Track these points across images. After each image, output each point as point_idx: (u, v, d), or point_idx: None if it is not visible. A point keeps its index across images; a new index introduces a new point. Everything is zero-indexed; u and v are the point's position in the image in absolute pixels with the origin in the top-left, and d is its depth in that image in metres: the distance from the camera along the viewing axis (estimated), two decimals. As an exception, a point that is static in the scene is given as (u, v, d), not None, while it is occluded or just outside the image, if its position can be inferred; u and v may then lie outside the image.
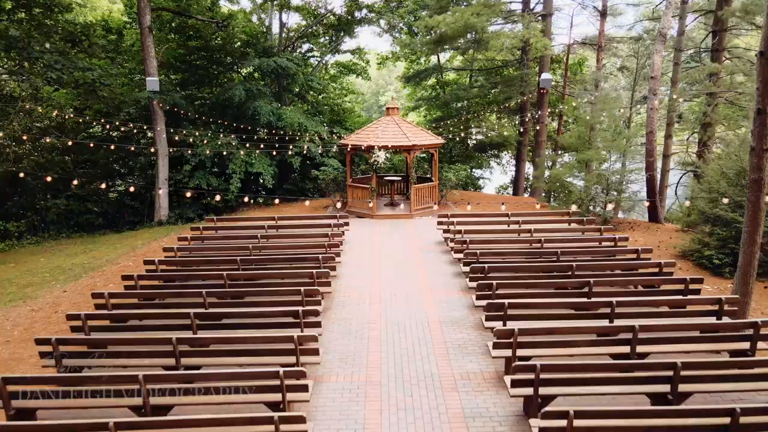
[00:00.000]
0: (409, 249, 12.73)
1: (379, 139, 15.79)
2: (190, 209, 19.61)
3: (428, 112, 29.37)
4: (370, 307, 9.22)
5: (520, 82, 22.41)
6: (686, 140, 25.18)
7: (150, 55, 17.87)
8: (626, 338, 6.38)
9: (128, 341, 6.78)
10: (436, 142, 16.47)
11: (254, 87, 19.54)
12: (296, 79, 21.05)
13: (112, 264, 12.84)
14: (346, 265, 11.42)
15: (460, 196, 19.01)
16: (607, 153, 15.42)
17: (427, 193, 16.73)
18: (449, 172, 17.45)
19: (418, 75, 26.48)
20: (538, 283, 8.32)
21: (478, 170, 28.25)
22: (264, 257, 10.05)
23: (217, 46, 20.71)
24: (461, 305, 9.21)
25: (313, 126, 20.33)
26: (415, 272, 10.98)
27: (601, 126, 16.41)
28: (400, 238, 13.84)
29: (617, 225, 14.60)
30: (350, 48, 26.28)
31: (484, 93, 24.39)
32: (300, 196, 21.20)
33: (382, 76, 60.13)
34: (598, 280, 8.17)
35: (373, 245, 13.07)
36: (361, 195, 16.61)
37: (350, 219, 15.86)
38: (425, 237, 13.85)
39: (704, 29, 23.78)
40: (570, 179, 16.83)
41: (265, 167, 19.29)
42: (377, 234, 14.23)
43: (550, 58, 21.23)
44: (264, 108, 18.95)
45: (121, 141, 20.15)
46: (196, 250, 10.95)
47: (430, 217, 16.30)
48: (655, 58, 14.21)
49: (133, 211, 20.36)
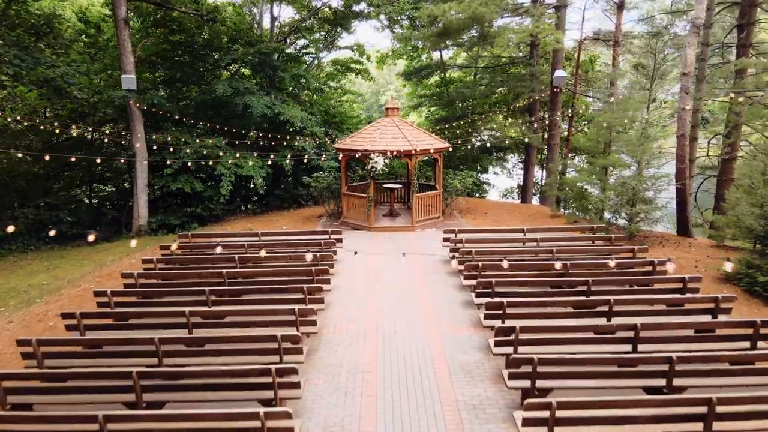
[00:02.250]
0: (411, 269, 11.18)
1: (377, 143, 14.22)
2: (173, 216, 18.03)
3: (430, 112, 27.74)
4: (364, 348, 7.66)
5: (530, 79, 20.79)
6: (707, 143, 23.57)
7: (126, 51, 16.28)
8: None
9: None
10: (440, 146, 14.90)
11: (241, 84, 17.99)
12: (285, 74, 19.41)
13: (72, 286, 11.28)
14: (337, 290, 9.88)
15: (466, 203, 17.45)
16: (632, 159, 13.85)
17: (431, 203, 15.16)
18: (455, 179, 15.87)
19: (420, 71, 24.82)
20: (572, 326, 6.74)
21: (483, 174, 26.66)
22: (240, 287, 8.49)
23: (202, 41, 19.13)
24: (473, 346, 7.65)
25: (311, 125, 18.77)
26: (418, 300, 9.43)
27: (623, 129, 14.84)
28: (400, 256, 12.28)
29: (644, 240, 13.03)
30: (348, 44, 24.77)
31: (490, 91, 22.77)
32: (292, 203, 19.64)
33: (383, 75, 58.51)
34: (645, 323, 6.58)
35: (369, 264, 11.52)
36: (357, 204, 15.05)
37: (345, 231, 14.32)
38: (429, 252, 12.30)
39: (725, 23, 22.23)
40: (586, 187, 15.26)
41: (257, 170, 17.70)
42: (372, 251, 12.67)
43: (563, 55, 19.53)
44: (256, 102, 17.34)
45: (99, 144, 18.60)
46: (160, 277, 9.39)
47: (434, 229, 14.74)
48: (688, 52, 12.63)
49: (111, 220, 18.79)
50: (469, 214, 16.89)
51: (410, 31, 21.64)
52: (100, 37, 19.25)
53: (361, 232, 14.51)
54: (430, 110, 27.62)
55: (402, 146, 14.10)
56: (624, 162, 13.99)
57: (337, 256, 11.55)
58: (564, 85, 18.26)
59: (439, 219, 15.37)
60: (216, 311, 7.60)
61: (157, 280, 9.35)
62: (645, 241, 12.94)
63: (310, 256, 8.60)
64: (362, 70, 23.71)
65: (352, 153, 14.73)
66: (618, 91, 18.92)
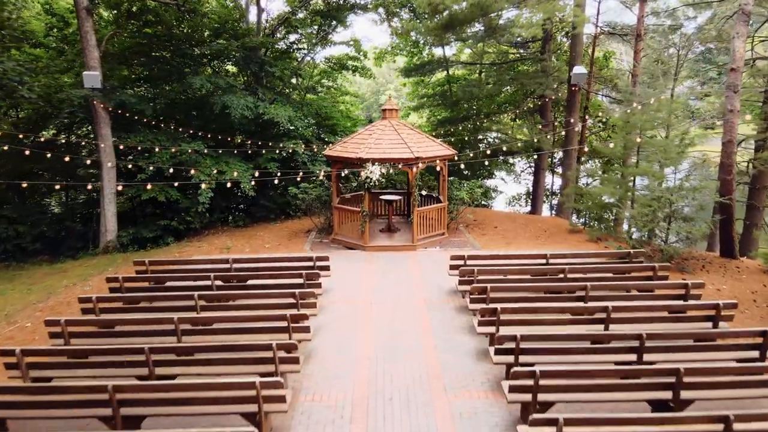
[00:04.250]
0: (412, 303, 9.32)
1: (373, 150, 12.36)
2: (146, 229, 16.15)
3: (433, 113, 25.80)
4: (350, 427, 5.82)
5: (542, 76, 18.83)
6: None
7: (90, 44, 14.41)
8: None
9: None
10: (445, 153, 13.02)
11: (222, 81, 16.13)
12: (273, 69, 17.54)
13: (7, 322, 9.43)
14: (321, 332, 8.05)
15: (473, 215, 15.57)
16: (665, 168, 11.99)
17: (434, 217, 13.30)
18: (461, 191, 13.98)
19: (422, 68, 22.85)
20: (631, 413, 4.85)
21: (489, 180, 24.77)
22: (194, 344, 6.63)
23: (181, 34, 17.24)
24: (494, 423, 5.81)
25: (302, 128, 16.88)
26: (420, 349, 7.58)
27: (656, 133, 12.99)
28: (400, 282, 10.43)
29: (685, 263, 11.17)
30: (344, 39, 22.88)
31: (498, 90, 20.84)
32: (280, 214, 17.77)
33: (383, 73, 56.54)
34: (739, 414, 4.71)
35: (361, 295, 9.67)
36: (350, 219, 13.19)
37: (336, 251, 12.50)
38: (433, 281, 10.45)
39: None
40: (610, 199, 13.39)
41: (242, 173, 15.67)
42: (368, 276, 10.81)
43: (582, 47, 17.51)
44: (236, 102, 15.44)
45: (66, 149, 16.72)
46: (98, 325, 7.51)
47: (438, 248, 12.89)
48: (736, 43, 10.73)
49: (77, 233, 16.92)
50: (476, 228, 15.02)
51: (411, 22, 19.72)
52: (67, 30, 17.37)
53: (355, 251, 12.65)
54: (433, 111, 25.69)
55: (401, 153, 12.23)
56: (657, 172, 12.11)
57: (325, 280, 9.71)
58: (584, 84, 16.35)
59: (443, 236, 13.50)
60: (159, 387, 5.68)
61: (97, 328, 7.51)
62: (686, 265, 11.08)
63: (285, 309, 6.73)
64: (360, 67, 21.81)
65: (344, 161, 12.89)
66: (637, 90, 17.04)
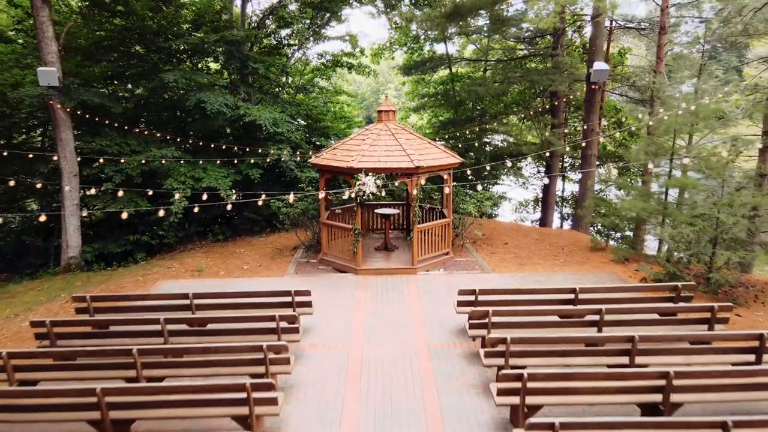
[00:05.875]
0: (411, 348, 7.59)
1: (367, 158, 10.61)
2: (114, 244, 14.41)
3: (434, 114, 23.99)
4: None
5: (554, 73, 17.06)
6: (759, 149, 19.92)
7: (46, 36, 12.67)
8: None
9: None
10: (450, 161, 11.27)
11: (199, 77, 14.42)
12: (258, 65, 15.80)
13: None
14: (295, 392, 6.33)
15: (481, 229, 13.80)
16: (712, 179, 10.27)
17: (437, 234, 11.55)
18: (468, 203, 12.21)
19: (422, 65, 21.04)
20: None
21: (495, 186, 23.00)
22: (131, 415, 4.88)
23: (156, 26, 15.49)
24: None
25: (289, 131, 15.13)
26: (421, 418, 5.82)
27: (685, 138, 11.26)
28: (397, 317, 8.70)
29: (736, 293, 9.43)
30: (339, 34, 21.12)
31: (505, 89, 19.06)
32: (266, 226, 16.01)
33: (383, 72, 54.81)
34: None
35: (349, 337, 7.93)
36: (340, 236, 11.45)
37: (324, 273, 10.80)
38: (436, 316, 8.73)
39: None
40: (643, 214, 11.62)
41: (221, 180, 14.00)
42: (360, 309, 9.07)
43: (603, 40, 15.52)
44: (213, 98, 13.67)
45: (23, 155, 14.99)
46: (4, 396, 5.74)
47: (442, 271, 11.16)
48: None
49: (37, 249, 15.18)
50: (485, 245, 13.27)
51: (412, 12, 17.92)
52: (28, 22, 15.63)
53: (345, 276, 10.90)
54: (434, 112, 23.89)
55: (399, 162, 10.49)
56: (701, 184, 10.36)
57: (307, 317, 7.99)
58: (606, 81, 14.59)
59: (447, 255, 11.75)
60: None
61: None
62: (736, 295, 9.35)
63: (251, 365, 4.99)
64: (356, 64, 20.03)
65: (333, 171, 11.15)
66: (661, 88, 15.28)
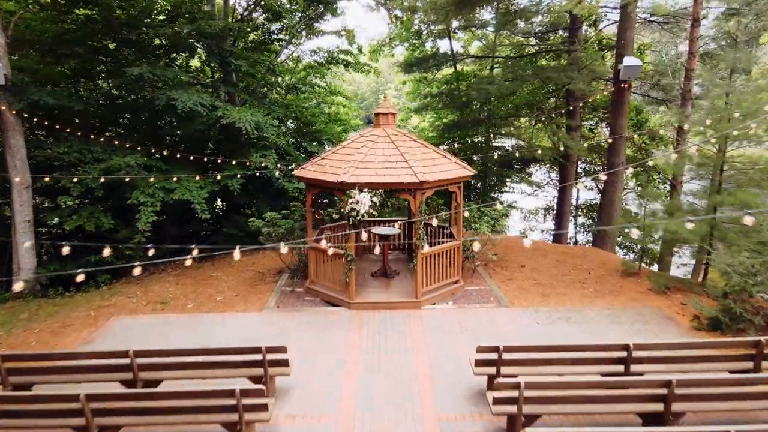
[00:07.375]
0: (417, 419, 5.78)
1: (361, 170, 8.81)
2: (73, 265, 12.59)
3: (438, 116, 22.12)
4: None
5: (571, 70, 15.22)
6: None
7: (-12, 27, 10.92)
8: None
9: None
10: (460, 174, 9.47)
11: (171, 73, 12.67)
12: (240, 61, 14.06)
13: None
14: None
15: (493, 249, 11.99)
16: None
17: (446, 260, 9.73)
18: (481, 222, 10.38)
19: (425, 62, 19.20)
20: None
21: (504, 193, 21.19)
22: None
23: (125, 18, 13.68)
24: None
25: (273, 135, 13.35)
26: None
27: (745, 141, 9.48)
28: (399, 371, 6.89)
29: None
30: (334, 28, 19.36)
31: (517, 87, 17.22)
32: (249, 244, 14.17)
33: (383, 71, 53.05)
34: None
35: (339, 400, 6.12)
36: (331, 260, 9.64)
37: (311, 307, 9.02)
38: (447, 369, 6.95)
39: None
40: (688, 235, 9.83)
41: (195, 193, 12.38)
42: (352, 360, 7.25)
43: (633, 32, 13.41)
44: (185, 97, 11.89)
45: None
46: None
47: (450, 304, 9.37)
48: None
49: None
50: (499, 268, 11.46)
51: (414, 1, 16.09)
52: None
53: (336, 310, 9.11)
54: (438, 113, 22.05)
55: (400, 176, 8.69)
56: (757, 201, 8.59)
57: (282, 371, 6.19)
58: (636, 78, 12.75)
59: (457, 284, 9.95)
60: None
61: None
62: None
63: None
64: (354, 62, 18.23)
65: (321, 186, 9.35)
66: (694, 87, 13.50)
